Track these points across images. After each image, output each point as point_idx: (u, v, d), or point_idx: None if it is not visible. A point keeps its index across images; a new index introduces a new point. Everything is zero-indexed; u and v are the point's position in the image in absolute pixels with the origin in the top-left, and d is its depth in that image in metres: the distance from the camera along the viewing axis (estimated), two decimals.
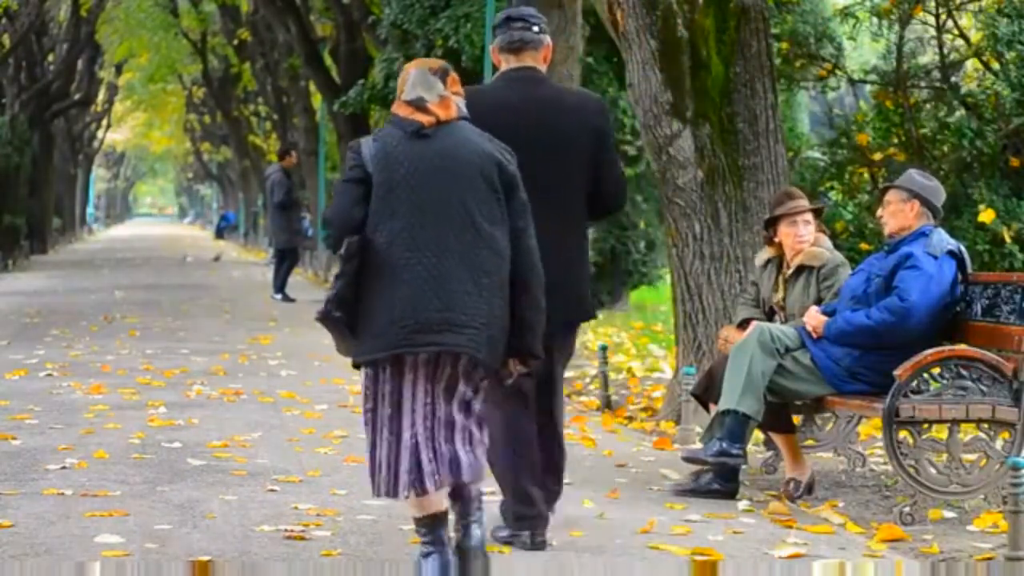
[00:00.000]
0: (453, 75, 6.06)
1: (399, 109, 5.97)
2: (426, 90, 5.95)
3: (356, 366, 5.87)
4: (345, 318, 5.79)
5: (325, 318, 5.81)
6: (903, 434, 7.34)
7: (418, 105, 5.92)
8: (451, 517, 5.87)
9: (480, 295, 5.81)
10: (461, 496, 5.90)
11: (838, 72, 13.17)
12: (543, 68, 6.74)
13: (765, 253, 8.62)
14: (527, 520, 6.54)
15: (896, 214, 7.92)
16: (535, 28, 6.69)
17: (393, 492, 5.75)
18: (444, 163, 5.87)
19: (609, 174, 6.76)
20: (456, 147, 5.90)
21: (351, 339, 5.83)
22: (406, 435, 5.77)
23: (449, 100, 5.97)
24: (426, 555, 5.80)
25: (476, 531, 5.92)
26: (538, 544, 6.52)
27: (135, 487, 7.76)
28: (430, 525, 5.80)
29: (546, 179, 6.48)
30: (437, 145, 5.89)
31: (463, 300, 5.77)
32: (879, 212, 8.08)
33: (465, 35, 21.28)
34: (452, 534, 5.88)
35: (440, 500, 5.79)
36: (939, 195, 7.99)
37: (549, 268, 6.13)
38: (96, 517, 6.92)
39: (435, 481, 5.72)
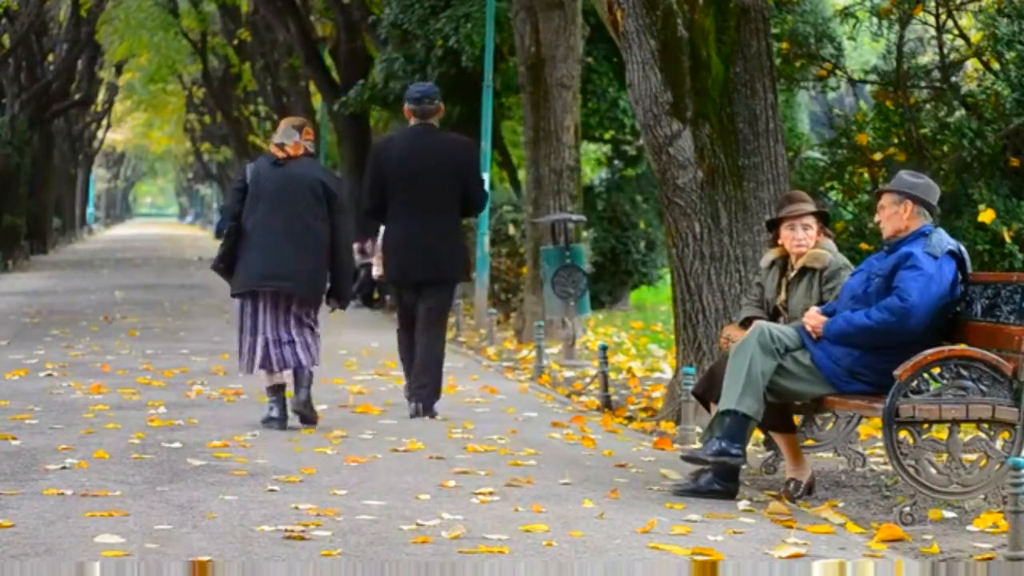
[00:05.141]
0: (308, 128, 10.32)
1: (271, 147, 10.27)
2: (287, 138, 10.21)
3: (233, 296, 10.27)
4: (226, 269, 10.25)
5: (215, 268, 10.38)
6: (903, 434, 7.33)
7: (280, 146, 10.19)
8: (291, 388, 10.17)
9: (303, 259, 10.06)
10: (298, 375, 10.17)
11: (838, 72, 13.16)
12: (435, 123, 10.93)
13: (770, 254, 8.61)
14: (412, 391, 10.81)
15: (891, 217, 7.91)
16: (436, 102, 10.93)
17: (249, 371, 10.22)
18: (290, 182, 10.12)
19: (474, 189, 10.93)
20: (299, 172, 10.16)
21: (229, 280, 10.26)
22: (260, 339, 10.14)
23: (299, 143, 10.19)
24: (271, 408, 10.15)
25: (303, 395, 10.19)
26: (418, 411, 10.67)
27: (135, 487, 7.76)
28: (275, 391, 10.20)
29: (434, 191, 10.73)
30: (287, 171, 10.14)
31: (292, 262, 10.03)
32: (876, 217, 8.08)
33: (465, 35, 21.27)
34: (291, 400, 10.19)
35: (280, 377, 10.19)
36: (932, 192, 7.96)
37: (435, 244, 10.72)
38: (96, 517, 6.92)
39: (278, 367, 10.14)
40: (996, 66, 12.26)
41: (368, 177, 10.90)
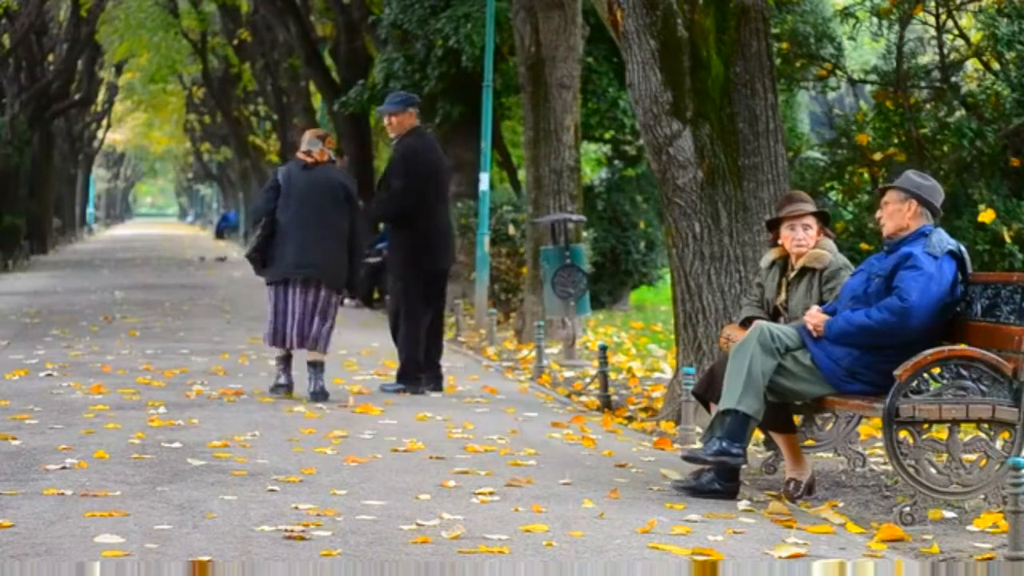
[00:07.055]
0: (330, 137, 12.09)
1: (299, 154, 11.94)
2: (313, 146, 11.92)
3: (268, 284, 11.80)
4: (259, 259, 11.86)
5: (249, 257, 11.99)
6: (903, 434, 7.33)
7: (307, 153, 11.88)
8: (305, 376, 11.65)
9: (327, 252, 11.69)
10: (313, 364, 11.64)
11: (838, 72, 13.17)
12: None
13: (771, 254, 8.61)
14: (411, 379, 12.25)
15: (894, 215, 7.91)
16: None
17: (280, 345, 11.81)
18: (316, 184, 11.78)
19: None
20: (324, 177, 11.84)
21: (262, 270, 11.88)
22: (288, 320, 11.73)
23: (324, 151, 11.91)
24: (279, 376, 11.86)
25: (318, 383, 11.58)
26: (419, 392, 12.12)
27: (135, 487, 7.76)
28: (284, 360, 11.88)
29: (446, 187, 12.57)
30: (314, 175, 11.83)
31: (318, 254, 11.66)
32: (877, 213, 8.08)
33: (465, 35, 21.27)
34: (307, 382, 11.64)
35: (289, 350, 11.81)
36: (937, 194, 7.97)
37: (451, 235, 12.63)
38: (96, 517, 6.92)
39: (299, 342, 11.73)
40: (996, 66, 12.27)
41: (410, 178, 12.10)
